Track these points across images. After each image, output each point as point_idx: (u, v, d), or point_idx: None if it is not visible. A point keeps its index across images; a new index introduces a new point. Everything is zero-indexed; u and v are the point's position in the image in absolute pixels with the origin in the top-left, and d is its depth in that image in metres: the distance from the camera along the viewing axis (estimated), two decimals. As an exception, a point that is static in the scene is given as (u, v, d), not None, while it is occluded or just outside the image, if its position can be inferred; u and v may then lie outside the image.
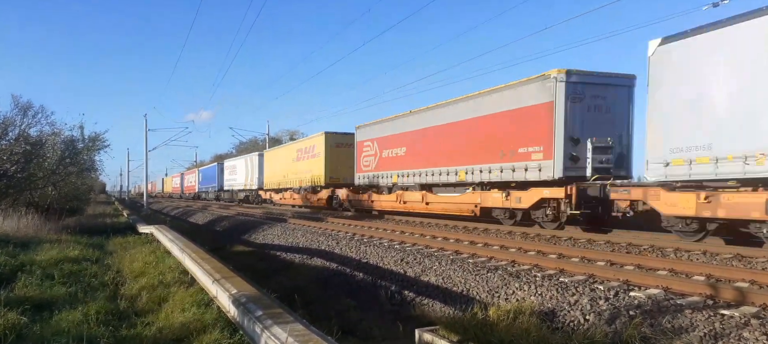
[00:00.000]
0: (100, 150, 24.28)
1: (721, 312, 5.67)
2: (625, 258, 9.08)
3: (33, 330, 5.99)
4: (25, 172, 18.82)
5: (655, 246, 10.38)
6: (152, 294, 7.91)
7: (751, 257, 8.83)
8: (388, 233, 14.50)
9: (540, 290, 7.23)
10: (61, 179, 21.64)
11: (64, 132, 21.22)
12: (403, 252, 10.88)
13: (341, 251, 12.53)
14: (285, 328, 4.49)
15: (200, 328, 6.00)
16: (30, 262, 10.17)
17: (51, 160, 20.46)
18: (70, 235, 15.39)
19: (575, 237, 12.12)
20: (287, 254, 14.03)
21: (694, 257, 9.16)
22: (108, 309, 7.03)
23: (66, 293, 7.96)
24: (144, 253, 12.12)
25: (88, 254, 11.95)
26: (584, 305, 6.49)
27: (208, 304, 7.02)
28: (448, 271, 8.96)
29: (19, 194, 19.47)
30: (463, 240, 12.48)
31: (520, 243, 11.44)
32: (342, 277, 10.81)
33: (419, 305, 8.29)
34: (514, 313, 6.25)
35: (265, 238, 17.25)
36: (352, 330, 7.39)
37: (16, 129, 18.86)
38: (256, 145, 58.46)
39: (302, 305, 7.41)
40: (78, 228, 18.00)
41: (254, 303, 5.56)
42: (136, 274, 9.70)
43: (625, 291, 6.76)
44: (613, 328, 5.79)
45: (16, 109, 18.85)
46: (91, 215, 29.36)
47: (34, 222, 16.69)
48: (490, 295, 7.66)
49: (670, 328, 5.49)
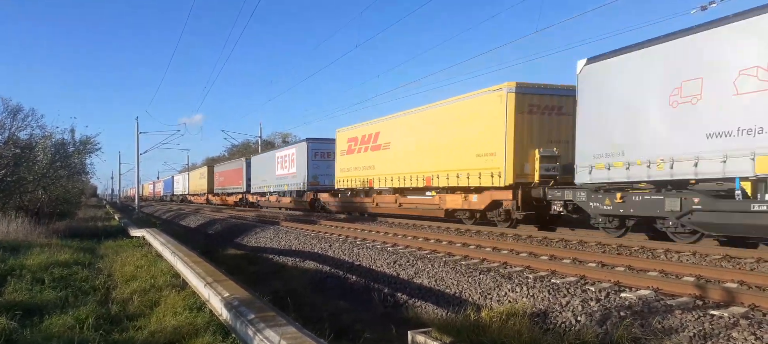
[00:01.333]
0: (91, 153, 24.17)
1: (711, 313, 5.73)
2: (616, 259, 9.15)
3: (23, 335, 5.95)
4: (14, 175, 18.66)
5: (645, 247, 10.47)
6: (144, 298, 7.87)
7: (739, 258, 8.93)
8: (380, 235, 14.51)
9: (532, 291, 7.27)
10: (51, 182, 21.49)
11: (55, 135, 21.11)
12: (395, 255, 10.89)
13: (334, 254, 12.52)
14: (278, 331, 4.49)
15: (192, 332, 5.99)
16: (19, 267, 10.07)
17: (41, 163, 20.30)
18: (61, 239, 15.26)
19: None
20: (279, 257, 14.00)
21: (684, 258, 9.25)
22: (99, 313, 6.99)
23: (56, 297, 7.88)
24: (135, 257, 12.06)
25: (78, 258, 11.85)
26: (576, 306, 6.54)
27: (200, 308, 7.00)
28: (441, 273, 8.98)
29: (9, 198, 19.29)
30: (456, 242, 12.52)
31: (513, 244, 11.49)
32: (335, 280, 10.81)
33: (412, 307, 8.31)
34: (506, 315, 6.28)
35: (257, 241, 17.19)
36: (345, 332, 7.38)
37: (5, 132, 18.76)
38: (247, 148, 58.66)
39: (295, 308, 7.40)
40: (68, 232, 17.90)
41: (246, 307, 5.55)
42: (128, 278, 9.64)
43: (616, 292, 6.82)
44: (604, 329, 5.83)
45: (6, 112, 18.74)
46: (81, 218, 29.15)
47: (23, 226, 16.52)
48: (483, 297, 7.69)
49: (660, 329, 5.53)
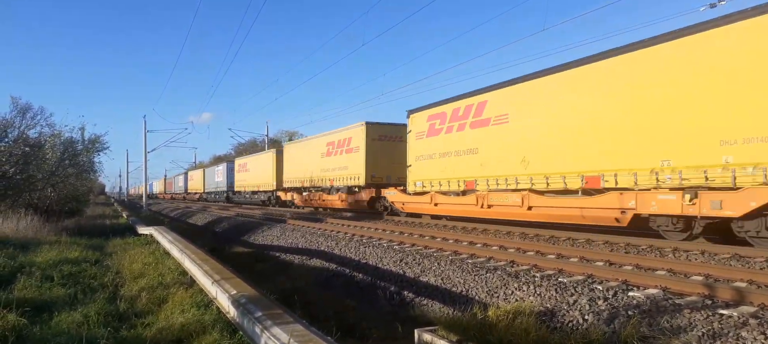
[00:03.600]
0: (100, 151, 24.35)
1: (720, 312, 5.68)
2: (623, 258, 9.10)
3: (33, 332, 6.00)
4: (24, 173, 18.82)
5: (653, 246, 10.41)
6: (152, 295, 7.92)
7: (749, 257, 8.85)
8: (387, 234, 14.52)
9: (539, 290, 7.25)
10: (60, 181, 21.65)
11: (64, 133, 21.27)
12: (402, 253, 10.89)
13: (340, 252, 12.53)
14: (285, 329, 4.50)
15: (200, 329, 6.01)
16: (29, 264, 10.16)
17: (50, 162, 20.46)
18: (70, 237, 15.40)
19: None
20: (286, 255, 14.03)
21: (692, 257, 9.18)
22: (108, 310, 7.05)
23: (65, 294, 7.95)
24: (143, 254, 12.13)
25: (87, 255, 11.95)
26: (583, 305, 6.51)
27: (207, 305, 7.03)
28: (447, 271, 8.97)
29: (18, 195, 19.47)
30: (462, 241, 12.51)
31: (519, 243, 11.46)
32: (341, 278, 10.83)
33: (418, 305, 8.31)
34: (513, 313, 6.26)
35: (264, 239, 17.25)
36: (352, 330, 7.40)
37: (15, 130, 18.88)
38: (255, 147, 58.79)
39: (301, 306, 7.43)
40: (77, 230, 18.04)
41: (254, 304, 5.57)
42: (136, 275, 9.70)
43: (624, 291, 6.79)
44: (612, 328, 5.81)
45: (16, 110, 18.88)
46: (90, 216, 29.39)
47: (33, 223, 16.69)
48: (490, 295, 7.68)
49: (669, 328, 5.50)
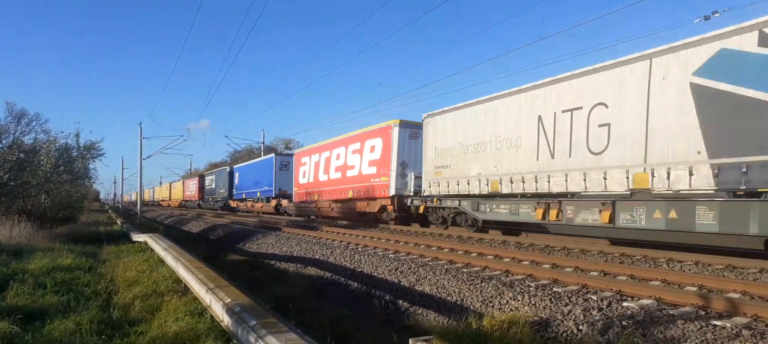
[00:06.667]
0: (95, 158, 24.26)
1: (713, 323, 5.71)
2: (618, 268, 9.12)
3: (25, 339, 5.96)
4: (18, 179, 18.74)
5: (647, 256, 10.45)
6: (145, 303, 7.88)
7: (743, 268, 8.90)
8: (382, 242, 14.50)
9: (534, 300, 7.25)
10: (54, 187, 21.56)
11: (60, 140, 21.21)
12: (397, 262, 10.88)
13: (335, 260, 12.51)
14: (279, 337, 4.48)
15: (194, 337, 5.99)
16: (22, 271, 10.10)
17: (45, 168, 20.39)
18: (63, 244, 15.28)
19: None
20: (281, 263, 13.98)
21: (686, 267, 9.22)
22: (101, 318, 7.00)
23: (58, 302, 7.90)
24: (137, 262, 12.07)
25: (81, 263, 11.88)
26: (577, 315, 6.52)
27: (201, 313, 6.99)
28: (443, 281, 8.97)
29: (12, 202, 19.36)
30: (458, 250, 12.51)
31: (514, 253, 11.47)
32: (336, 287, 10.79)
33: (413, 315, 8.29)
34: (508, 323, 6.27)
35: (259, 247, 17.19)
36: (346, 339, 7.37)
37: (10, 136, 18.82)
38: (251, 154, 58.85)
39: (296, 314, 7.40)
40: (71, 237, 17.91)
41: (248, 313, 5.55)
42: (130, 283, 9.65)
43: (618, 302, 6.80)
44: (606, 338, 5.81)
45: (10, 116, 18.83)
46: (84, 223, 29.21)
47: (26, 230, 16.58)
48: (484, 305, 7.67)
49: (662, 339, 5.51)
